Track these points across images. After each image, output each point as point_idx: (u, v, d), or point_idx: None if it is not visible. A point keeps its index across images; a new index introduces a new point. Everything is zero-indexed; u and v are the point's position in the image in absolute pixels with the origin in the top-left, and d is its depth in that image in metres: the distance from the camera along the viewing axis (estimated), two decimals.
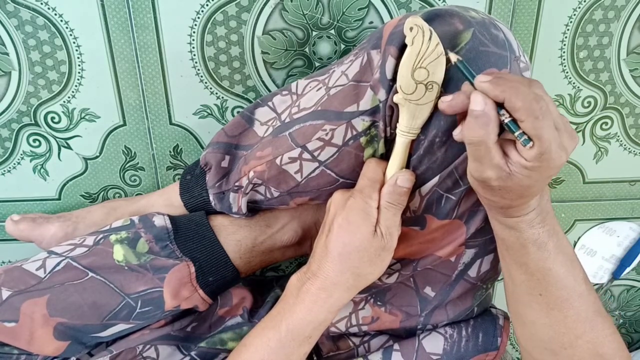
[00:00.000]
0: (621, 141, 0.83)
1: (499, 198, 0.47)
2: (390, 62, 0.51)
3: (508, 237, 0.50)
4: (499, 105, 0.43)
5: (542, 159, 0.42)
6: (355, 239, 0.52)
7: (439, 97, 0.49)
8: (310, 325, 0.54)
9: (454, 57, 0.46)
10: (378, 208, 0.53)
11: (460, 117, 0.48)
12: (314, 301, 0.54)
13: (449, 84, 0.49)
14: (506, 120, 0.42)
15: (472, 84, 0.44)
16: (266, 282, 0.80)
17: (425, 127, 0.51)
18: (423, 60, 0.48)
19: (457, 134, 0.47)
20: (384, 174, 0.54)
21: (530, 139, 0.42)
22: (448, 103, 0.46)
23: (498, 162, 0.43)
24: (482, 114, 0.42)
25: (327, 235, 0.54)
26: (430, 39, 0.47)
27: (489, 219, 0.53)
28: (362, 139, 0.55)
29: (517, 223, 0.48)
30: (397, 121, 0.52)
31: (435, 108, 0.50)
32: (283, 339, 0.54)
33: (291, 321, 0.54)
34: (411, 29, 0.47)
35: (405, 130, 0.52)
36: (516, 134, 0.42)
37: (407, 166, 0.54)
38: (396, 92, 0.50)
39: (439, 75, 0.48)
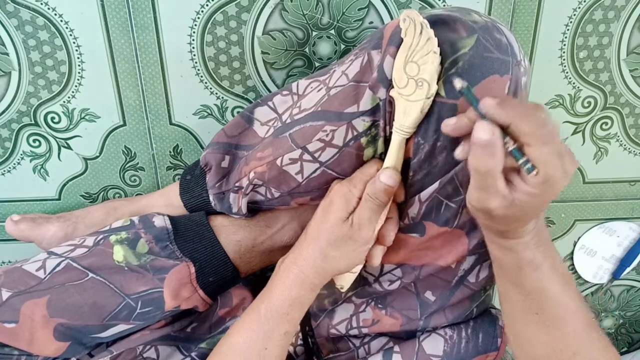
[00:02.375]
0: (621, 141, 0.82)
1: (497, 225, 0.47)
2: (388, 62, 0.51)
3: (503, 257, 0.50)
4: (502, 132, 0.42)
5: (546, 185, 0.41)
6: (328, 220, 0.54)
7: (430, 98, 0.49)
8: (286, 302, 0.55)
9: (458, 84, 0.44)
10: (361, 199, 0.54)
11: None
12: (287, 276, 0.55)
13: (450, 93, 0.48)
14: (510, 148, 0.42)
15: (477, 110, 0.43)
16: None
17: (426, 130, 0.51)
18: (414, 55, 0.48)
19: (458, 153, 0.46)
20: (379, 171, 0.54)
21: (533, 167, 0.41)
22: (453, 126, 0.45)
23: (503, 191, 0.43)
24: (489, 144, 0.41)
25: (313, 216, 0.56)
26: (421, 33, 0.47)
27: (485, 239, 0.53)
28: (363, 139, 0.55)
29: (514, 245, 0.48)
30: (394, 118, 0.52)
31: (431, 111, 0.50)
32: (262, 318, 0.55)
33: (269, 299, 0.55)
34: (404, 20, 0.48)
35: (398, 127, 0.51)
36: (520, 161, 0.42)
37: (407, 169, 0.54)
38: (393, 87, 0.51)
39: (429, 73, 0.48)
